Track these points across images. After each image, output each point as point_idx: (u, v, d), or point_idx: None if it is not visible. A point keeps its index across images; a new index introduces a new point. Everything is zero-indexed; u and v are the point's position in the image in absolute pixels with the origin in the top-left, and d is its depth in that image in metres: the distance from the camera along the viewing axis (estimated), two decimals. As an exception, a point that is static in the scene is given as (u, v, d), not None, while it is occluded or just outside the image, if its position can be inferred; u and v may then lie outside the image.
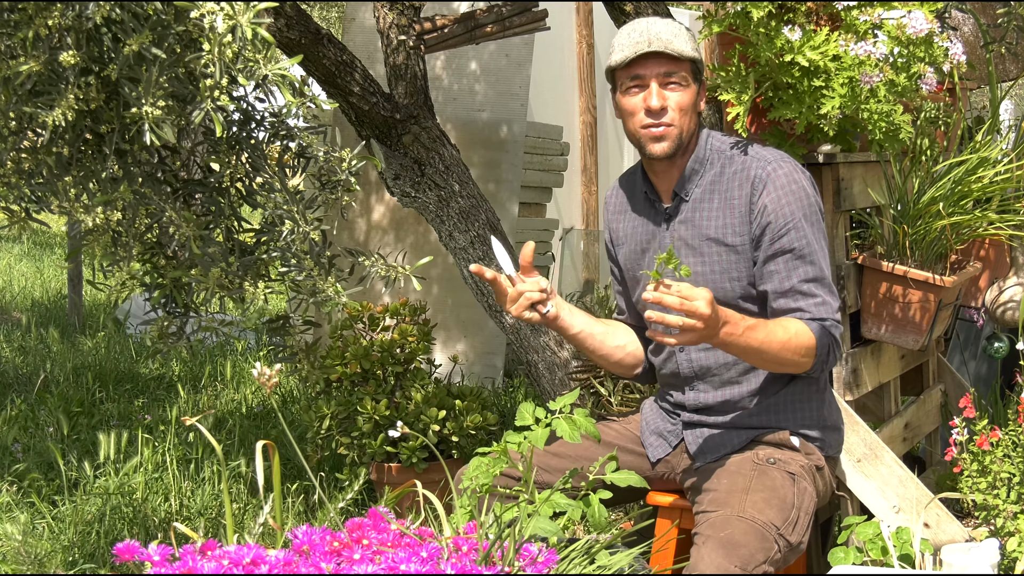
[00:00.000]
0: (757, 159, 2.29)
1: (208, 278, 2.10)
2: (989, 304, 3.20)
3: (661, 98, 2.25)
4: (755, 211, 2.25)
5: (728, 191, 2.29)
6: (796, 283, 2.24)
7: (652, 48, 2.23)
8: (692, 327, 2.01)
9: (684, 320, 2.00)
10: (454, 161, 3.57)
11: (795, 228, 2.23)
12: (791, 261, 2.24)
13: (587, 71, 6.83)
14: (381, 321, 3.70)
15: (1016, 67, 3.78)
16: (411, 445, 3.41)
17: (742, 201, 2.27)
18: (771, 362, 2.21)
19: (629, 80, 2.28)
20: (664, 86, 2.26)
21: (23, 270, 9.41)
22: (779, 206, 2.23)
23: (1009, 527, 2.46)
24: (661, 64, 2.25)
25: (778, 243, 2.24)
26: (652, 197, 2.38)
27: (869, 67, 2.34)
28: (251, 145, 2.19)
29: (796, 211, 2.23)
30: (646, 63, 2.26)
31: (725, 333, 2.09)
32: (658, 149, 2.28)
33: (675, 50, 2.23)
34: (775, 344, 2.17)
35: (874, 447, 2.58)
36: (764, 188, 2.25)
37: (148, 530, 3.33)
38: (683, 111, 2.27)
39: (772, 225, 2.24)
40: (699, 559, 2.04)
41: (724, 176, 2.30)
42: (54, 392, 4.94)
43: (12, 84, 1.97)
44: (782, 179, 2.25)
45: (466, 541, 1.73)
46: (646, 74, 2.26)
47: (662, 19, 2.30)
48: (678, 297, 1.99)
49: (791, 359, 2.20)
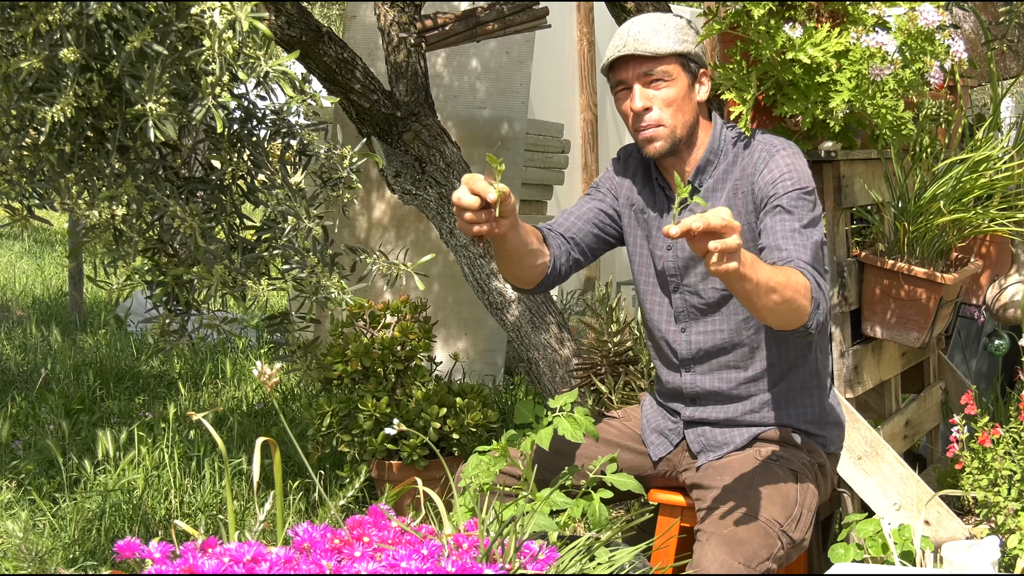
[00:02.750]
0: (763, 143, 2.29)
1: (211, 275, 2.10)
2: (990, 301, 3.20)
3: (644, 99, 2.24)
4: (756, 188, 2.24)
5: (737, 178, 2.29)
6: (778, 230, 2.14)
7: (626, 51, 2.22)
8: (727, 247, 1.79)
9: (723, 243, 1.78)
10: (455, 158, 3.57)
11: (787, 196, 2.19)
12: (778, 216, 2.17)
13: (588, 69, 6.83)
14: (382, 318, 3.70)
15: (1017, 64, 3.78)
16: (412, 443, 3.41)
17: (745, 183, 2.27)
18: (780, 303, 1.99)
19: (616, 84, 2.28)
20: (647, 85, 2.24)
21: (24, 267, 9.41)
22: (779, 179, 2.20)
23: (1010, 524, 2.46)
24: (640, 65, 2.23)
25: (769, 205, 2.20)
26: (663, 184, 2.37)
27: (879, 60, 2.34)
28: (252, 142, 2.19)
29: (794, 183, 2.20)
30: (626, 66, 2.25)
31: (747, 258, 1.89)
32: (651, 149, 2.27)
33: (649, 50, 2.21)
34: (779, 278, 1.97)
35: (875, 444, 2.59)
36: (766, 165, 2.24)
37: (149, 527, 3.33)
38: (671, 106, 2.25)
39: (769, 194, 2.20)
40: (703, 556, 2.04)
41: (736, 165, 2.30)
42: (55, 390, 4.94)
43: (13, 81, 1.97)
44: (786, 159, 2.24)
45: (467, 538, 1.73)
46: (627, 77, 2.25)
47: (651, 15, 2.28)
48: (701, 222, 1.77)
49: (796, 299, 2.00)
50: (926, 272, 2.65)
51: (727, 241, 1.78)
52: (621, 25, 2.31)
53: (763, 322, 2.09)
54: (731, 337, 2.32)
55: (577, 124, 6.85)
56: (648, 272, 2.41)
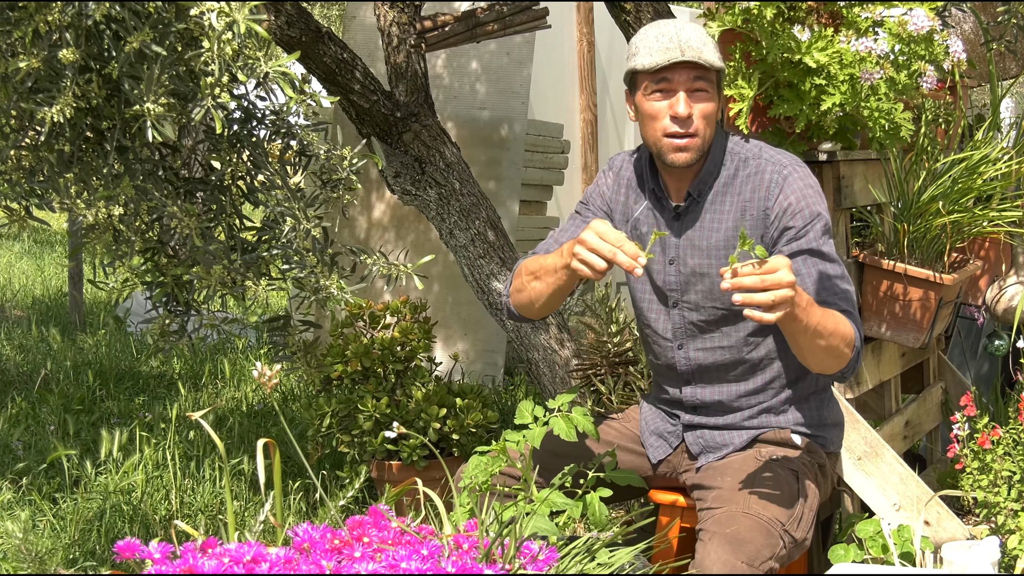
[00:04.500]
0: (772, 163, 2.26)
1: (210, 275, 2.10)
2: (990, 302, 3.20)
3: (688, 106, 2.21)
4: (772, 214, 2.22)
5: (740, 193, 2.27)
6: (826, 284, 2.18)
7: (685, 57, 2.18)
8: (784, 299, 1.89)
9: (774, 295, 1.88)
10: (455, 159, 3.57)
11: (812, 230, 2.20)
12: (814, 262, 2.19)
13: (588, 69, 6.83)
14: (382, 319, 3.70)
15: (1017, 65, 3.78)
16: (412, 443, 3.41)
17: (755, 204, 2.25)
18: (824, 348, 2.09)
19: (655, 84, 2.22)
20: (690, 94, 2.22)
21: (24, 268, 9.41)
22: (799, 208, 2.20)
23: (1010, 525, 2.46)
24: (692, 71, 2.21)
25: (795, 243, 2.20)
26: (659, 193, 2.35)
27: (870, 64, 2.34)
28: (252, 143, 2.19)
29: (813, 213, 2.21)
30: (678, 71, 2.21)
31: (802, 300, 1.99)
32: (680, 159, 2.24)
33: (707, 60, 2.19)
34: (829, 325, 2.06)
35: (875, 445, 2.59)
36: (781, 190, 2.22)
37: (149, 528, 3.33)
38: (707, 120, 2.23)
39: (790, 225, 2.20)
40: (705, 555, 2.03)
41: (737, 179, 2.28)
42: (55, 390, 4.94)
43: (12, 81, 1.97)
44: (799, 182, 2.23)
45: (467, 539, 1.73)
46: (675, 81, 2.21)
47: (689, 23, 2.25)
48: (758, 275, 1.88)
49: (840, 348, 2.09)
50: (926, 273, 2.65)
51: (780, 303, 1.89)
52: (648, 28, 2.26)
53: (802, 362, 2.19)
54: (732, 355, 2.31)
55: (577, 125, 6.85)
56: (645, 286, 2.38)
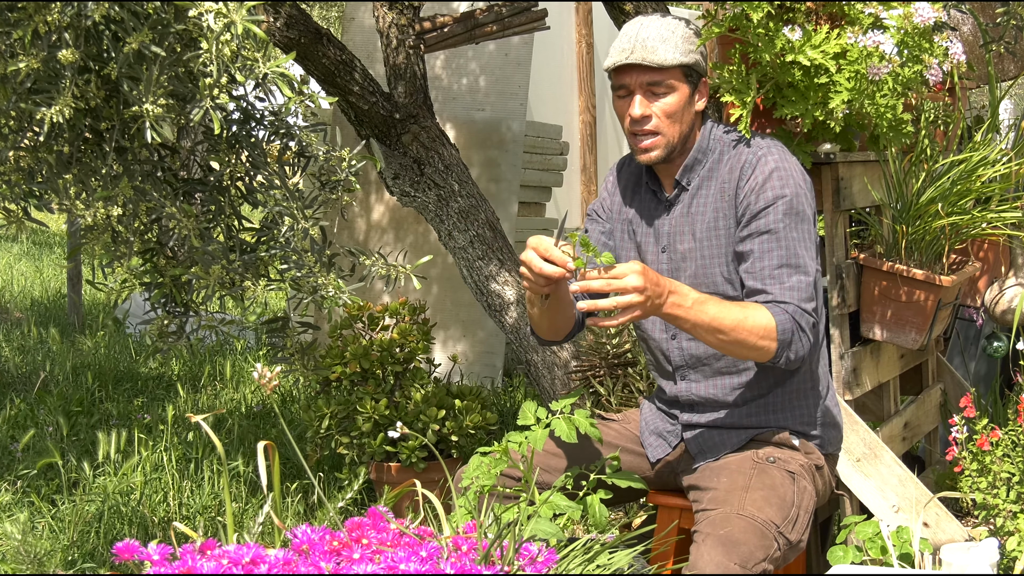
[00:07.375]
0: (752, 146, 2.29)
1: (209, 275, 2.10)
2: (989, 304, 3.20)
3: (643, 107, 2.23)
4: (740, 194, 2.25)
5: (721, 178, 2.29)
6: (766, 264, 2.20)
7: (633, 59, 2.21)
8: (629, 304, 1.99)
9: (618, 300, 1.99)
10: (453, 160, 3.57)
11: (772, 211, 2.21)
12: (765, 243, 2.21)
13: (586, 70, 6.83)
14: (380, 320, 3.70)
15: (1015, 66, 3.78)
16: (411, 445, 3.41)
17: (731, 185, 2.27)
18: (728, 343, 2.14)
19: (617, 87, 2.27)
20: (649, 93, 2.24)
21: (22, 269, 9.41)
22: (761, 189, 2.22)
23: (1008, 526, 2.46)
24: (644, 74, 2.23)
25: (754, 224, 2.22)
26: (654, 187, 2.38)
27: (876, 59, 2.34)
28: (251, 144, 2.19)
29: (777, 195, 2.21)
30: (630, 72, 2.24)
31: (672, 304, 2.06)
32: (646, 158, 2.28)
33: (656, 61, 2.20)
34: (728, 321, 2.11)
35: (873, 446, 2.58)
36: (752, 172, 2.24)
37: (147, 529, 3.33)
38: (670, 117, 2.25)
39: (752, 207, 2.22)
40: (699, 557, 2.04)
41: (722, 164, 2.30)
42: (53, 391, 4.94)
43: (11, 82, 1.97)
44: (770, 164, 2.24)
45: (465, 540, 1.73)
46: (630, 83, 2.24)
47: (659, 19, 2.26)
48: (604, 279, 1.98)
49: (749, 340, 2.13)
50: (924, 274, 2.65)
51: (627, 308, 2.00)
52: (627, 24, 2.28)
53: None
54: None
55: (576, 126, 6.85)
56: None
